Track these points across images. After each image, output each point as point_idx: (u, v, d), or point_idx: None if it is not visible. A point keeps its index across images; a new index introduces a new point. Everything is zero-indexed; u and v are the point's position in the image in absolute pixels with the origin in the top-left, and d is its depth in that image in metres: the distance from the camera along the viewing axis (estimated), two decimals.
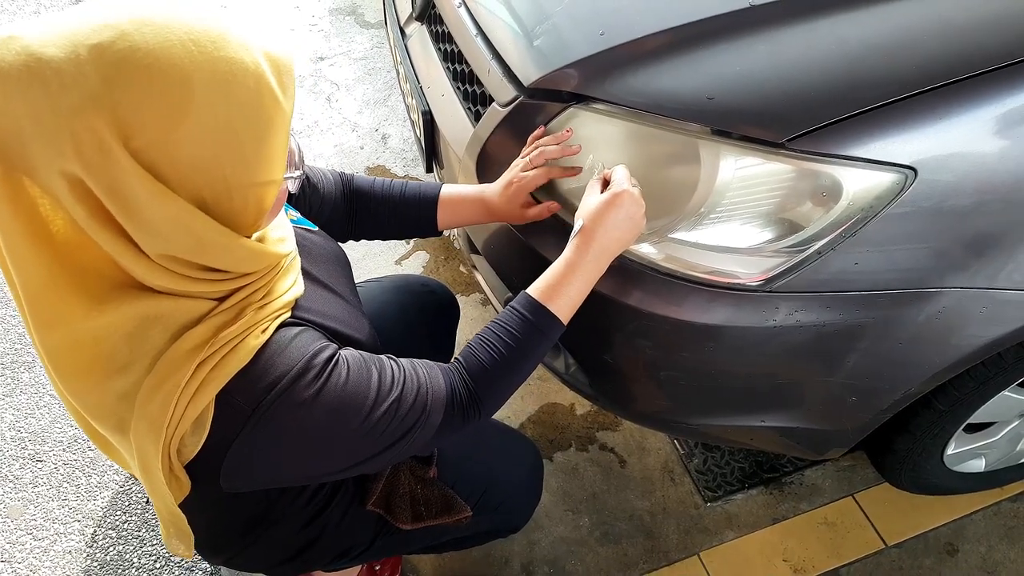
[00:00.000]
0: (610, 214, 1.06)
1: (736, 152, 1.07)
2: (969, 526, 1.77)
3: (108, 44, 0.65)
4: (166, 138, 0.69)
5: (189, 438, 0.82)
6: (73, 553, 1.73)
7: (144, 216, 0.71)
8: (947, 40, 1.07)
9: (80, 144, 0.66)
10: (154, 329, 0.78)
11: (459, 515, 1.24)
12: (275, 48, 0.76)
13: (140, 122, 0.67)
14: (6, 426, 1.93)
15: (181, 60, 0.68)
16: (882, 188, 1.04)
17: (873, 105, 1.02)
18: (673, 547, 1.74)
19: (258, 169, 0.76)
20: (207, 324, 0.80)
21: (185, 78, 0.68)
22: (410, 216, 1.30)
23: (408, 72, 1.69)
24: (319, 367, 0.86)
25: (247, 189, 0.76)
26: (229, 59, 0.70)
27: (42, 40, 0.65)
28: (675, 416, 1.40)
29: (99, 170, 0.67)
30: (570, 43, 1.19)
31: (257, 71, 0.72)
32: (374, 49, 3.07)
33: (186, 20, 0.69)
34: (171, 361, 0.78)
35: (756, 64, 1.08)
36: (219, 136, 0.71)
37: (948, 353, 1.18)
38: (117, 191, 0.68)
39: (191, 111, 0.69)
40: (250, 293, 0.84)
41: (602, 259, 1.08)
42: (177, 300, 0.79)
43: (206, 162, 0.72)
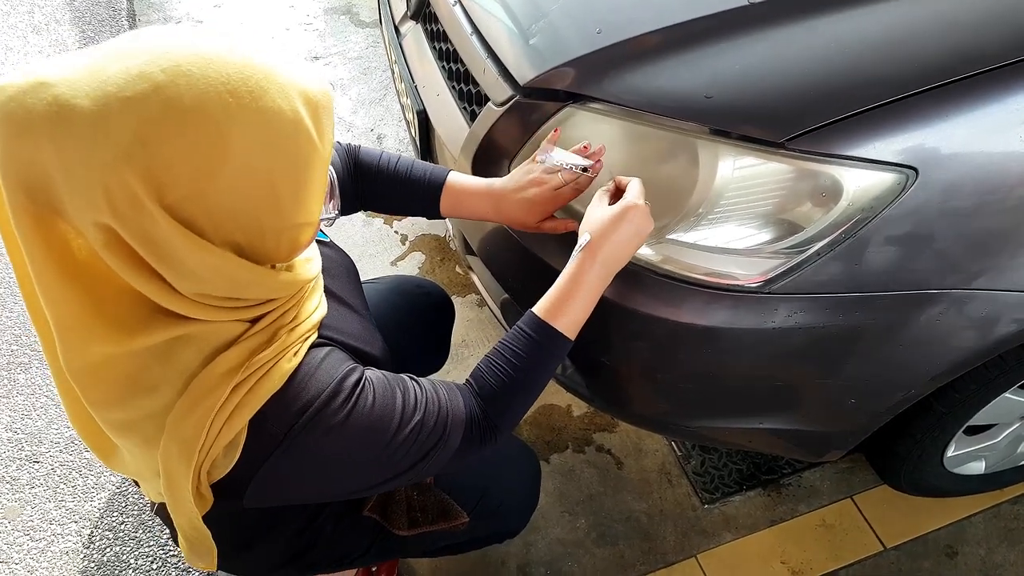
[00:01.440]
0: (619, 228, 1.03)
1: (735, 152, 1.06)
2: (969, 528, 1.76)
3: (142, 99, 0.63)
4: (201, 192, 0.67)
5: (221, 460, 0.82)
6: (70, 554, 1.72)
7: (178, 263, 0.69)
8: (948, 38, 1.06)
9: (113, 198, 0.64)
10: (186, 350, 0.77)
11: (455, 521, 1.23)
12: (312, 87, 0.73)
13: (174, 177, 0.65)
14: (3, 427, 1.92)
15: (218, 114, 0.65)
16: (882, 188, 1.03)
17: (873, 104, 1.01)
18: (670, 549, 1.73)
19: (295, 212, 0.75)
20: (241, 347, 0.79)
21: (222, 133, 0.66)
22: (414, 197, 1.25)
23: (403, 71, 1.68)
24: (347, 391, 0.86)
25: (282, 232, 0.75)
26: (267, 109, 0.68)
27: (73, 89, 0.63)
28: (672, 418, 1.39)
29: (132, 222, 0.66)
30: (566, 41, 1.18)
31: (295, 118, 0.70)
32: (369, 48, 3.06)
33: (223, 69, 0.66)
34: (205, 384, 0.78)
35: (755, 63, 1.07)
36: (256, 186, 0.70)
37: (949, 355, 1.17)
38: (151, 241, 0.67)
39: (227, 164, 0.67)
40: (281, 315, 0.84)
41: (607, 274, 1.06)
42: (210, 324, 0.78)
43: (242, 211, 0.70)
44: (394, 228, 2.42)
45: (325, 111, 0.74)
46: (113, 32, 3.13)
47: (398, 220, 2.44)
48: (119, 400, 0.79)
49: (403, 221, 2.43)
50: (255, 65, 0.68)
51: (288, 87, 0.70)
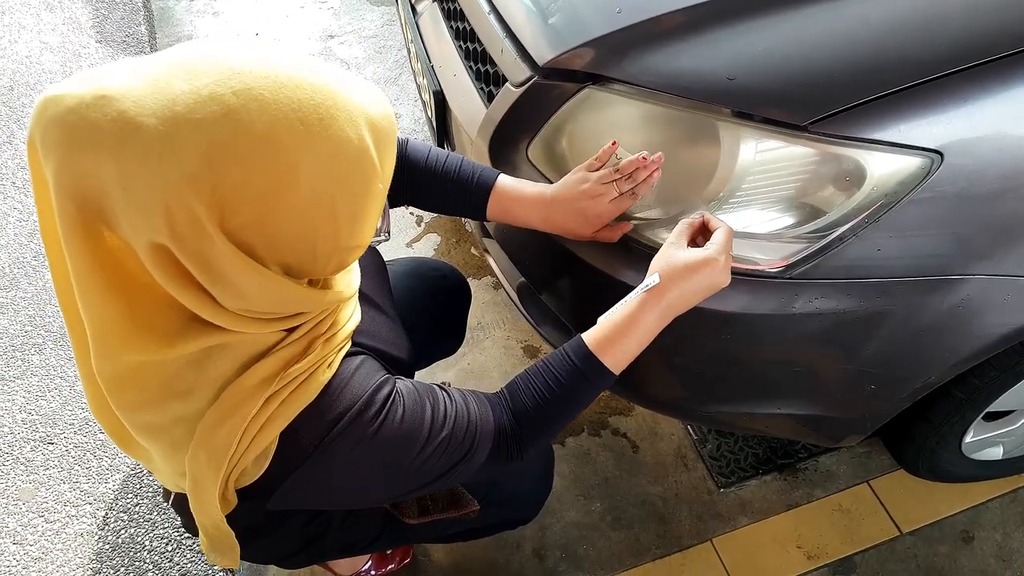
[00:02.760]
0: (692, 279, 0.97)
1: (757, 135, 1.04)
2: (985, 513, 1.75)
3: (212, 122, 0.61)
4: (264, 217, 0.66)
5: (251, 469, 0.82)
6: (85, 536, 1.73)
7: (229, 282, 0.68)
8: (975, 20, 1.04)
9: (173, 219, 0.63)
10: (222, 358, 0.77)
11: (466, 509, 1.22)
12: (377, 112, 0.72)
13: (238, 203, 0.64)
14: (17, 408, 1.93)
15: (288, 142, 0.64)
16: (907, 173, 1.01)
17: (898, 87, 0.99)
18: (686, 533, 1.72)
19: (350, 237, 0.74)
20: (276, 357, 0.79)
21: (291, 161, 0.65)
22: (460, 198, 1.20)
23: (419, 51, 1.66)
24: (380, 403, 0.86)
25: (332, 254, 0.75)
26: (336, 137, 0.67)
27: (139, 107, 0.61)
28: (689, 403, 1.38)
29: (190, 244, 0.64)
30: (586, 21, 1.16)
31: (361, 145, 0.69)
32: (384, 27, 3.04)
33: (294, 95, 0.65)
34: (239, 393, 0.77)
35: (778, 44, 1.05)
36: (319, 213, 0.69)
37: (970, 342, 1.15)
38: (204, 262, 0.66)
39: (293, 191, 0.66)
40: (317, 323, 0.83)
41: (668, 318, 1.00)
42: (246, 334, 0.77)
43: (300, 236, 0.70)
44: (409, 209, 2.40)
45: (388, 137, 0.73)
46: (128, 8, 3.11)
47: None
48: (150, 404, 0.78)
49: None
50: (325, 90, 0.67)
51: (355, 113, 0.69)
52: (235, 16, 3.11)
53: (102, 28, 3.02)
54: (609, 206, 1.11)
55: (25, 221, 2.35)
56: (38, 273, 2.21)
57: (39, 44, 2.92)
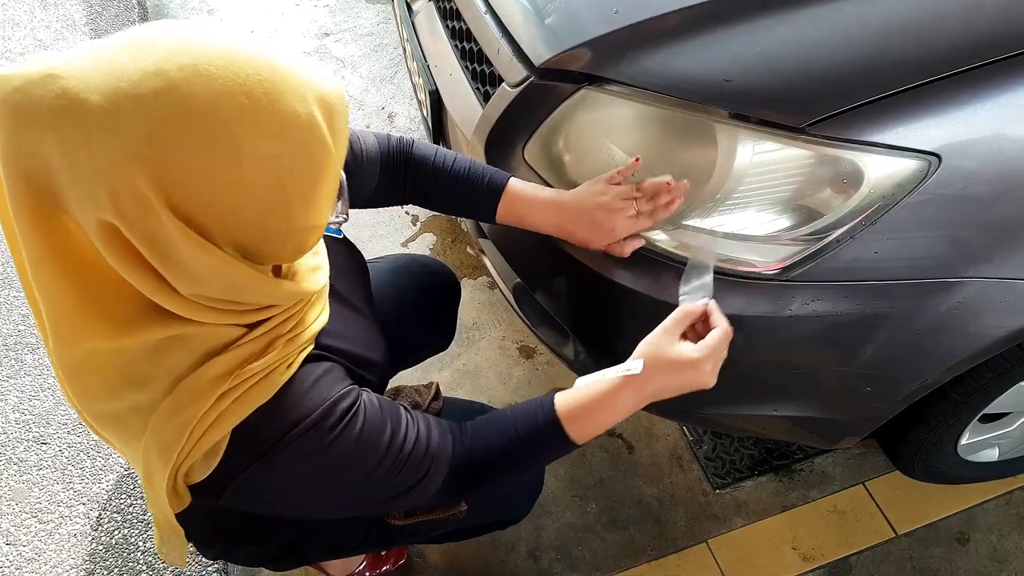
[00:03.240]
0: (676, 376, 0.95)
1: (754, 137, 1.04)
2: (980, 515, 1.75)
3: (154, 97, 0.61)
4: (210, 194, 0.65)
5: (199, 464, 0.80)
6: (78, 536, 1.72)
7: (180, 263, 0.67)
8: (972, 22, 1.03)
9: (117, 196, 0.62)
10: (179, 350, 0.76)
11: (453, 510, 1.22)
12: (327, 89, 0.71)
13: (183, 178, 0.63)
14: (10, 408, 1.92)
15: (231, 116, 0.63)
16: (904, 175, 1.01)
17: (896, 89, 0.99)
18: (681, 534, 1.72)
19: (304, 217, 0.73)
20: (234, 353, 0.77)
21: (234, 136, 0.64)
22: (470, 199, 1.18)
23: (415, 50, 1.66)
24: (340, 414, 0.84)
25: (288, 235, 0.74)
26: (282, 111, 0.66)
27: (83, 83, 0.60)
28: (685, 405, 1.36)
29: (137, 222, 0.63)
30: (583, 21, 1.16)
31: (310, 121, 0.68)
32: (380, 25, 3.03)
33: (240, 69, 0.64)
34: (193, 387, 0.76)
35: (776, 45, 1.04)
36: (266, 189, 0.68)
37: (967, 344, 1.15)
38: (154, 241, 0.65)
39: (239, 167, 0.65)
40: (281, 322, 0.81)
41: (639, 406, 0.98)
42: (207, 326, 0.76)
43: (250, 214, 0.68)
44: (404, 209, 2.39)
45: (340, 115, 0.72)
46: (122, 6, 3.10)
47: None
48: (106, 393, 0.77)
49: None
50: (272, 66, 0.66)
51: (304, 90, 0.68)
52: (230, 13, 3.10)
53: (96, 25, 3.00)
54: (626, 222, 1.10)
55: None
56: None
57: (33, 41, 2.90)
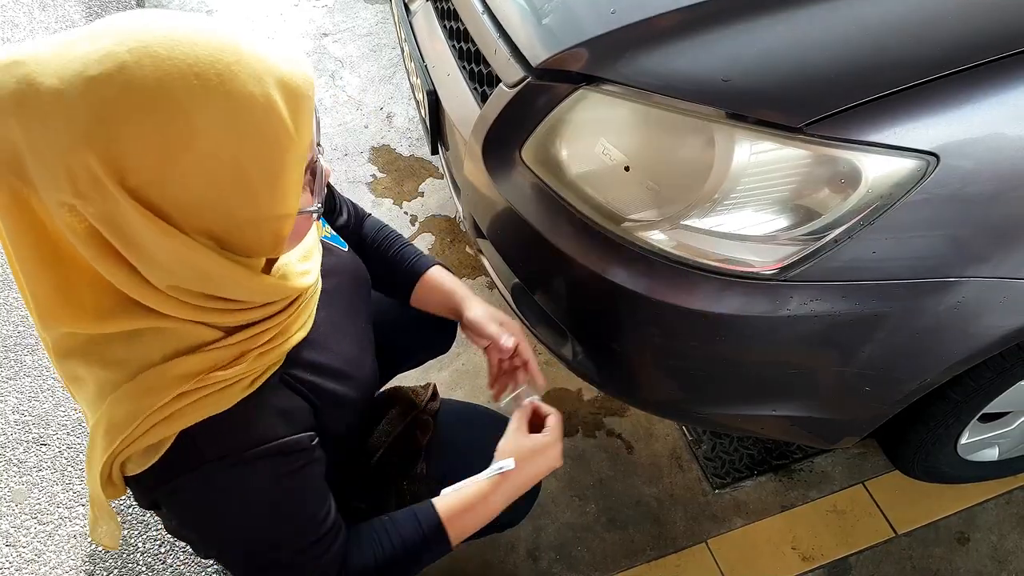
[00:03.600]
0: (538, 462, 1.06)
1: (752, 137, 1.04)
2: (980, 515, 1.75)
3: (105, 77, 0.61)
4: (165, 177, 0.65)
5: (137, 457, 0.80)
6: (78, 537, 1.72)
7: (146, 251, 0.68)
8: (971, 21, 1.03)
9: (75, 179, 0.63)
10: (152, 341, 0.76)
11: None
12: (290, 72, 0.70)
13: (136, 160, 0.64)
14: (10, 409, 1.92)
15: (181, 96, 0.63)
16: (902, 175, 1.00)
17: (894, 89, 0.98)
18: (680, 534, 1.72)
19: (270, 204, 0.72)
20: (204, 356, 0.78)
21: (185, 115, 0.64)
22: (389, 279, 1.30)
23: (413, 50, 1.66)
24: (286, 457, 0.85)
25: (259, 223, 0.73)
26: (236, 93, 0.65)
27: (43, 68, 0.62)
28: (684, 405, 1.37)
29: (96, 205, 0.64)
30: (580, 21, 1.16)
31: (267, 103, 0.67)
32: (379, 25, 3.03)
33: (191, 50, 0.64)
34: (155, 379, 0.76)
35: (774, 45, 1.04)
36: (224, 174, 0.67)
37: (966, 344, 1.15)
38: (116, 226, 0.66)
39: (192, 149, 0.65)
40: (259, 333, 0.82)
41: (513, 497, 1.06)
42: (182, 322, 0.76)
43: (211, 200, 0.68)
44: (403, 209, 2.40)
45: (304, 98, 0.71)
46: (120, 7, 3.10)
47: (407, 201, 2.42)
48: (79, 358, 0.78)
49: (412, 202, 2.41)
50: (227, 47, 0.66)
51: (262, 71, 0.67)
52: (228, 14, 3.09)
53: None
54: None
55: None
56: None
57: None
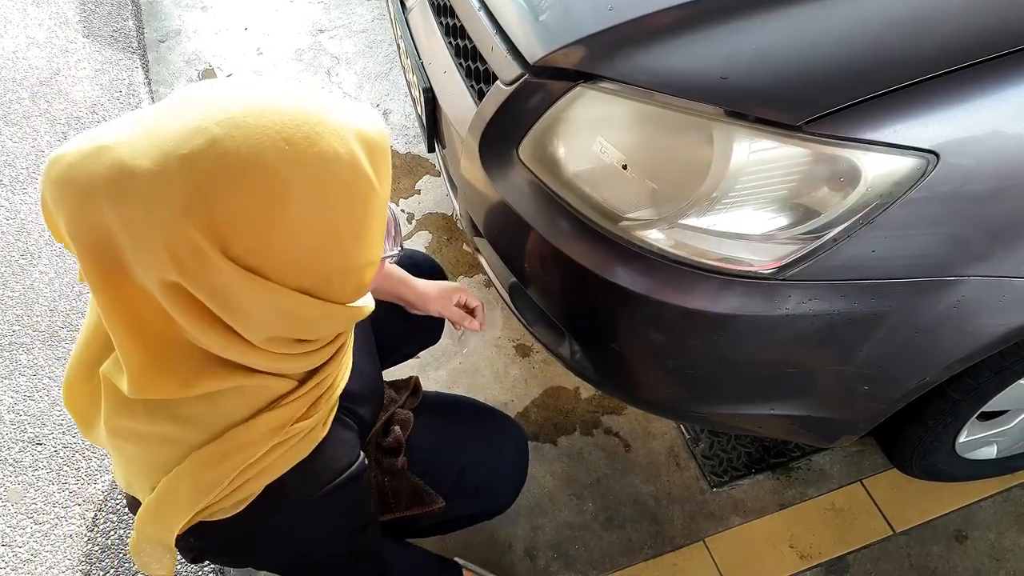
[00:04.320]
0: None
1: (750, 135, 1.03)
2: (978, 513, 1.74)
3: (199, 153, 0.62)
4: (265, 240, 0.66)
5: (227, 508, 0.83)
6: (74, 537, 1.71)
7: (247, 311, 0.69)
8: (971, 19, 1.02)
9: (177, 254, 0.64)
10: (236, 399, 0.79)
11: (430, 507, 1.23)
12: (367, 128, 0.72)
13: (236, 228, 0.65)
14: (5, 409, 1.91)
15: (274, 163, 0.64)
16: (902, 173, 1.00)
17: (894, 87, 0.98)
18: (678, 532, 1.72)
19: (357, 254, 0.74)
20: (286, 408, 0.81)
21: (280, 181, 0.65)
22: None
23: (409, 47, 1.64)
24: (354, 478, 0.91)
25: (346, 274, 0.75)
26: (323, 154, 0.67)
27: (132, 151, 0.63)
28: (682, 404, 1.37)
29: (198, 276, 0.65)
30: (577, 18, 1.15)
31: (352, 160, 0.69)
32: (375, 21, 3.01)
33: (277, 117, 0.65)
34: (244, 437, 0.79)
35: (772, 43, 1.03)
36: (318, 230, 0.69)
37: (965, 343, 1.15)
38: (219, 293, 0.67)
39: (288, 212, 0.66)
40: (324, 377, 0.85)
41: None
42: (265, 377, 0.79)
43: (306, 256, 0.70)
44: (400, 207, 2.39)
45: (381, 151, 0.73)
46: (114, 5, 3.08)
47: (404, 198, 2.41)
48: (145, 416, 0.79)
49: (409, 199, 2.41)
50: (308, 111, 0.68)
51: (343, 129, 0.69)
52: (224, 11, 3.08)
53: (89, 23, 2.98)
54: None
55: (11, 220, 2.32)
56: (25, 272, 2.19)
57: (25, 39, 2.88)
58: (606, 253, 1.17)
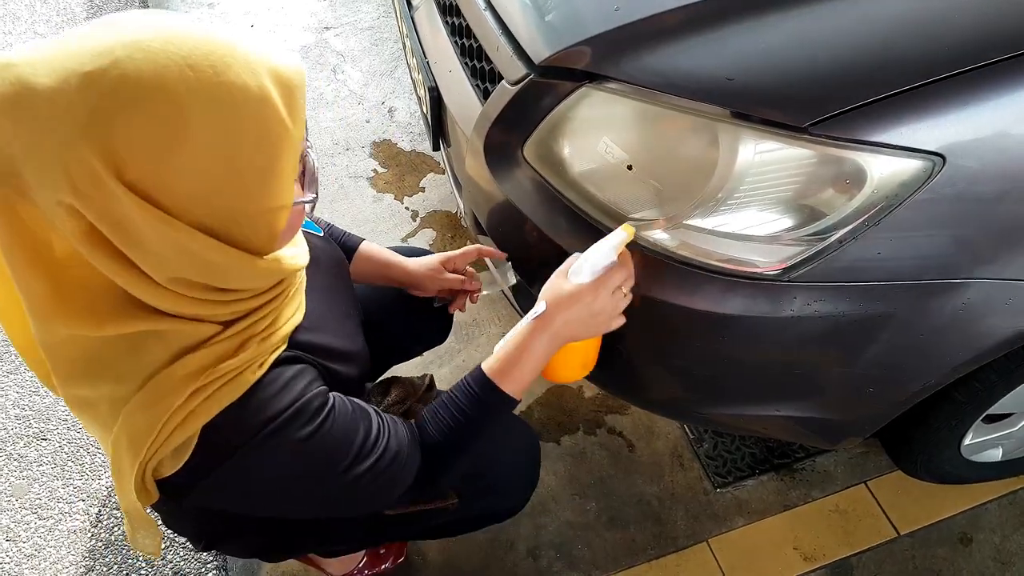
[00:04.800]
0: (573, 307, 1.02)
1: (756, 136, 1.02)
2: (984, 515, 1.74)
3: (99, 73, 0.62)
4: (161, 169, 0.65)
5: (168, 460, 0.80)
6: (78, 533, 1.72)
7: (146, 244, 0.68)
8: (978, 21, 1.01)
9: (72, 176, 0.63)
10: (156, 346, 0.76)
11: (444, 502, 1.22)
12: (284, 65, 0.71)
13: (133, 153, 0.64)
14: (11, 404, 1.91)
15: (175, 88, 0.63)
16: (908, 175, 0.99)
17: (900, 88, 0.97)
18: (682, 533, 1.71)
19: (264, 196, 0.72)
20: (208, 351, 0.78)
21: (181, 108, 0.64)
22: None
23: (414, 46, 1.64)
24: (312, 413, 0.85)
25: (254, 216, 0.73)
26: (230, 84, 0.66)
27: (35, 68, 0.62)
28: (687, 405, 1.36)
29: (94, 201, 0.64)
30: (583, 18, 1.14)
31: (262, 95, 0.68)
32: (381, 19, 3.01)
33: (185, 44, 0.64)
34: (166, 382, 0.76)
35: (779, 43, 1.03)
36: (219, 166, 0.67)
37: (971, 345, 1.14)
38: (116, 221, 0.66)
39: (188, 141, 0.65)
40: (256, 320, 0.82)
41: (555, 345, 1.05)
42: (183, 322, 0.76)
43: (207, 191, 0.68)
44: (405, 204, 2.39)
45: (298, 90, 0.72)
46: (121, 1, 3.09)
47: (408, 196, 2.41)
48: (84, 379, 0.78)
49: (413, 197, 2.40)
50: (219, 40, 0.67)
51: (255, 63, 0.68)
52: (230, 7, 3.08)
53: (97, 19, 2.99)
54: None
55: None
56: None
57: (32, 35, 2.89)
58: None
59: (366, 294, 1.36)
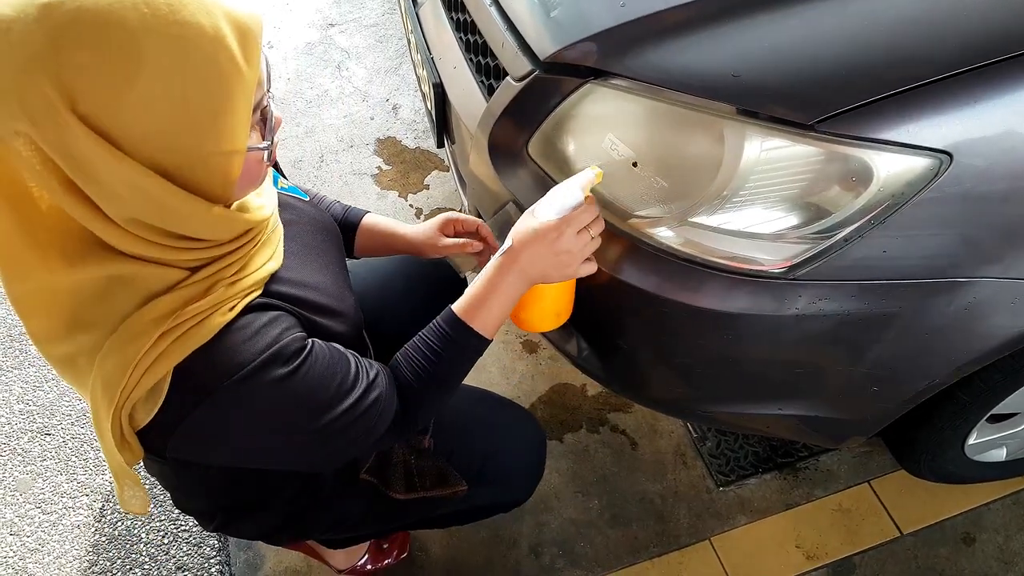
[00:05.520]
0: (540, 244, 1.02)
1: (762, 133, 1.02)
2: (987, 515, 1.73)
3: (57, 4, 0.63)
4: (114, 103, 0.66)
5: (142, 406, 0.81)
6: (81, 527, 1.72)
7: (101, 180, 0.69)
8: (987, 18, 1.01)
9: (27, 105, 0.64)
10: (123, 291, 0.78)
11: (453, 488, 1.23)
12: (240, 9, 0.72)
13: (87, 85, 0.65)
14: (15, 399, 1.92)
15: (131, 23, 0.65)
16: (915, 174, 0.99)
17: (907, 86, 0.97)
18: (684, 531, 1.71)
19: (216, 138, 0.73)
20: (175, 295, 0.79)
21: (134, 43, 0.65)
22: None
23: (419, 42, 1.64)
24: (288, 356, 0.85)
25: (208, 159, 0.74)
26: (184, 23, 0.67)
27: None
28: (690, 403, 1.36)
29: (48, 132, 0.66)
30: (589, 14, 1.14)
31: (216, 36, 0.69)
32: (385, 15, 3.01)
33: None
34: (134, 326, 0.77)
35: (785, 40, 1.02)
36: (171, 105, 0.69)
37: (975, 345, 1.14)
38: (69, 154, 0.67)
39: (140, 76, 0.66)
40: (224, 267, 0.83)
41: (521, 284, 1.05)
42: (149, 266, 0.78)
43: (159, 130, 0.69)
44: (409, 201, 2.39)
45: (253, 35, 0.73)
46: None
47: (413, 193, 2.41)
48: (59, 334, 0.80)
49: (418, 194, 2.40)
50: None
51: (212, 6, 0.69)
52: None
53: None
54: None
55: None
56: None
57: None
58: (615, 250, 1.16)
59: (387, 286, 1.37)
